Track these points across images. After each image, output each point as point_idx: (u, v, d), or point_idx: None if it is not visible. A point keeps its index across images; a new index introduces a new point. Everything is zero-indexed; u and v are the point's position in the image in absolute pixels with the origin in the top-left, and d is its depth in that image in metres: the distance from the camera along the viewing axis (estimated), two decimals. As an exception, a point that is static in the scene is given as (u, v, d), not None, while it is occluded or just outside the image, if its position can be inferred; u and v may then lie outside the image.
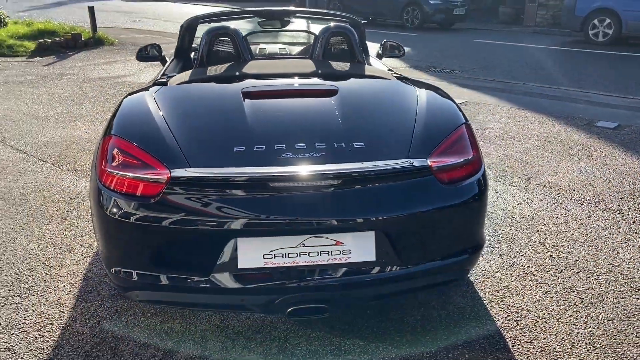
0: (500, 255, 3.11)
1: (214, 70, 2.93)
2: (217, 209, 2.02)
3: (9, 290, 2.74)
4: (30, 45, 10.24)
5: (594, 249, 3.19)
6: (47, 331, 2.45)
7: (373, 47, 4.32)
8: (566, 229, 3.43)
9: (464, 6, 14.64)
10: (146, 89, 2.71)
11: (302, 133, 2.26)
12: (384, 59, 4.25)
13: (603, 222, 3.54)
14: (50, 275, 2.88)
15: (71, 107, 6.28)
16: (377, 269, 2.13)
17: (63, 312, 2.58)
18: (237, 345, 2.36)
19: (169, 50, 4.36)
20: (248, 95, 2.51)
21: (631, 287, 2.82)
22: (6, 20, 11.59)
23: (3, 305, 2.62)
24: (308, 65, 3.01)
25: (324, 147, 2.16)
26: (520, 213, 3.65)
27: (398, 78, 3.03)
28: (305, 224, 2.03)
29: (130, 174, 2.08)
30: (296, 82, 2.72)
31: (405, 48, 4.36)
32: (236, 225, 2.01)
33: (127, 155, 2.16)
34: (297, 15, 4.00)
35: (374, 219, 2.08)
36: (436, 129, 2.38)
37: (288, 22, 4.11)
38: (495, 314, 2.60)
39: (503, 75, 8.52)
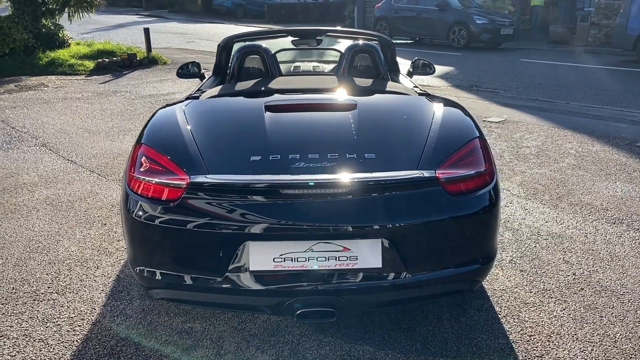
0: (521, 271, 3.11)
1: (242, 85, 3.10)
2: (230, 214, 2.15)
3: (48, 287, 2.95)
4: (90, 64, 10.85)
5: (620, 269, 3.13)
6: (79, 325, 2.63)
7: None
8: (593, 248, 3.38)
9: (511, 26, 14.51)
10: (179, 102, 2.89)
11: (317, 144, 2.37)
12: (421, 76, 4.32)
13: (634, 242, 3.47)
14: (87, 275, 3.08)
15: (121, 122, 6.64)
16: (383, 275, 2.20)
17: (94, 309, 2.77)
18: (251, 347, 2.47)
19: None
20: (270, 108, 2.65)
21: (655, 307, 2.76)
22: (69, 42, 12.32)
23: (42, 301, 2.83)
24: (331, 81, 3.13)
25: (336, 157, 2.27)
26: (547, 230, 3.62)
27: (421, 94, 3.11)
28: (314, 230, 2.13)
29: (155, 180, 2.25)
30: (317, 97, 2.84)
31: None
32: (248, 229, 2.13)
33: (153, 162, 2.33)
34: (328, 34, 4.14)
35: (380, 226, 2.16)
36: (448, 142, 2.44)
37: (320, 41, 4.26)
38: (509, 328, 2.60)
39: (547, 95, 8.40)
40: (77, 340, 2.52)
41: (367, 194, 2.17)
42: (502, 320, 2.66)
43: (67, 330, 2.59)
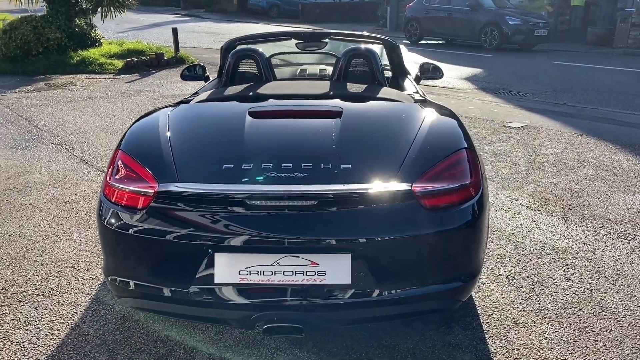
0: (518, 287, 2.96)
1: (232, 90, 3.05)
2: (196, 223, 2.10)
3: (36, 289, 2.98)
4: (119, 63, 11.04)
5: (625, 289, 2.95)
6: (57, 329, 2.63)
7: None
8: (599, 265, 3.20)
9: (546, 27, 14.08)
10: (167, 106, 2.87)
11: (293, 153, 2.30)
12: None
13: (644, 259, 3.27)
14: (75, 277, 3.09)
15: (139, 122, 6.70)
16: (352, 292, 2.11)
17: (76, 313, 2.77)
18: (224, 359, 2.42)
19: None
20: (254, 114, 2.59)
21: (657, 332, 2.58)
22: (101, 41, 12.56)
23: (27, 303, 2.85)
24: (323, 86, 3.06)
25: (310, 167, 2.19)
26: (552, 245, 3.45)
27: (417, 101, 3.00)
28: (281, 243, 2.06)
29: (126, 186, 2.22)
30: (304, 103, 2.77)
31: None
32: (214, 240, 2.08)
33: (127, 168, 2.30)
34: (332, 37, 4.06)
35: (349, 241, 2.07)
36: (431, 153, 2.34)
37: (325, 44, 4.18)
38: (495, 349, 2.48)
39: (576, 99, 8.09)
40: (52, 345, 2.52)
41: (336, 206, 2.09)
42: (488, 340, 2.54)
43: (45, 334, 2.60)
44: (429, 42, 16.15)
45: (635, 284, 3.00)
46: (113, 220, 2.23)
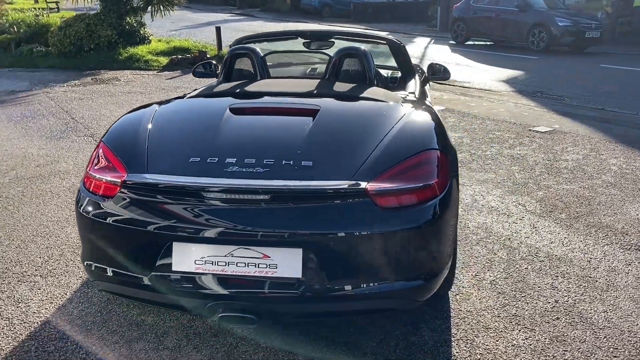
0: (499, 293, 2.92)
1: (223, 86, 3.15)
2: (157, 213, 2.20)
3: (35, 270, 3.18)
4: (164, 60, 11.44)
5: (612, 300, 2.85)
6: (45, 308, 2.81)
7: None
8: (591, 275, 3.10)
9: (598, 28, 13.50)
10: (157, 102, 2.99)
11: (257, 149, 2.37)
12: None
13: (641, 272, 3.14)
14: (73, 261, 3.28)
15: (169, 117, 6.95)
16: (303, 286, 2.15)
17: (66, 294, 2.94)
18: (190, 345, 2.52)
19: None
20: (234, 111, 2.68)
21: (636, 345, 2.49)
22: (150, 38, 13.04)
23: (24, 282, 3.05)
24: (311, 85, 3.10)
25: (272, 163, 2.26)
26: (547, 252, 3.36)
27: (408, 101, 3.01)
28: (235, 235, 2.13)
29: (101, 176, 2.35)
30: (284, 101, 2.83)
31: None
32: (173, 229, 2.17)
33: (105, 159, 2.44)
34: (337, 36, 4.09)
35: (300, 236, 2.12)
36: (395, 153, 2.35)
37: (332, 43, 4.22)
38: (457, 352, 2.46)
39: (616, 104, 7.75)
40: (37, 322, 2.69)
41: (289, 202, 2.14)
42: (453, 343, 2.52)
43: (33, 312, 2.77)
44: (475, 43, 15.83)
45: (624, 295, 2.90)
46: (88, 208, 2.36)
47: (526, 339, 2.55)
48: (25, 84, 9.42)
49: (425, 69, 4.45)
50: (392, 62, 4.27)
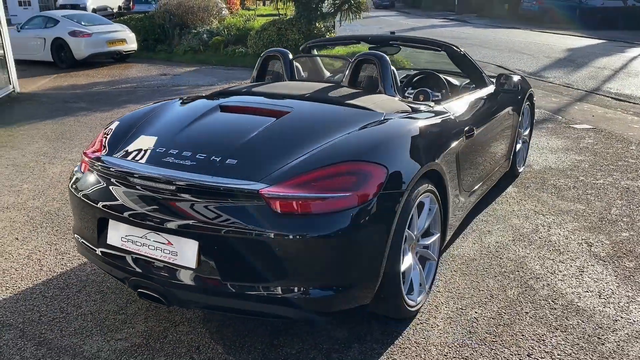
0: (470, 332, 2.59)
1: (237, 87, 3.35)
2: (103, 191, 2.51)
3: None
4: (337, 65, 12.01)
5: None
6: (47, 263, 3.34)
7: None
8: (602, 335, 2.55)
9: None
10: (177, 98, 3.31)
11: (198, 144, 2.54)
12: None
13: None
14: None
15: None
16: (195, 276, 2.27)
17: (73, 260, 3.40)
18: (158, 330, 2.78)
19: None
20: (222, 108, 2.89)
21: None
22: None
23: (62, 238, 3.66)
24: (310, 88, 3.14)
25: (202, 158, 2.41)
26: (569, 300, 2.84)
27: (403, 112, 2.87)
28: (149, 219, 2.34)
29: (86, 157, 2.75)
30: (261, 101, 2.95)
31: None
32: (109, 208, 2.47)
33: (98, 143, 2.84)
34: (398, 42, 3.97)
35: (196, 228, 2.23)
36: (320, 160, 2.34)
37: (398, 49, 4.10)
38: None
39: None
40: (38, 277, 3.19)
41: (191, 194, 2.26)
42: (369, 370, 2.35)
43: (47, 264, 3.33)
44: None
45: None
46: (73, 185, 2.76)
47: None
48: (214, 79, 10.79)
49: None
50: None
